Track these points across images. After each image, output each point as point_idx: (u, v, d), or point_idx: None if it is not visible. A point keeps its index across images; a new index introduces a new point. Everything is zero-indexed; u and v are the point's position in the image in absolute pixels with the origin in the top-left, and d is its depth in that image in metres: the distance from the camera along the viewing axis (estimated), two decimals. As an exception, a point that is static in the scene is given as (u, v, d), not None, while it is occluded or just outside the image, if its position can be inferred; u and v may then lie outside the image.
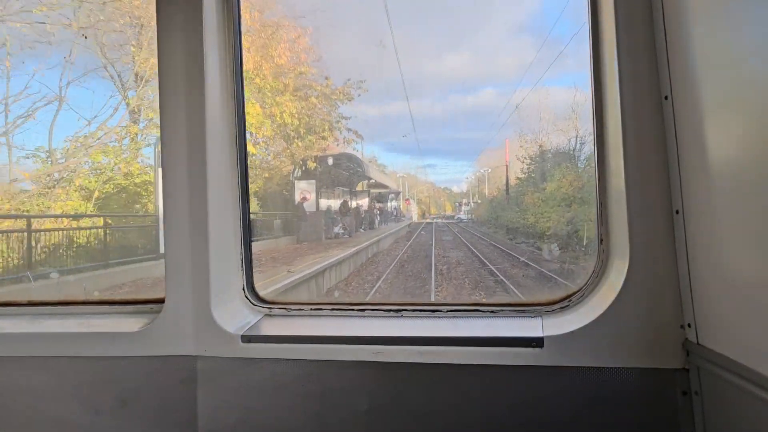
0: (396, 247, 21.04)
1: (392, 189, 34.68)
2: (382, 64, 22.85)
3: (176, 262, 2.00)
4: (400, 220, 34.66)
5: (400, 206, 38.19)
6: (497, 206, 26.33)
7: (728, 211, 1.35)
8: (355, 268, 15.29)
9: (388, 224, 29.81)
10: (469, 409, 1.81)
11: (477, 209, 35.41)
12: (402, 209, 38.11)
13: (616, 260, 1.79)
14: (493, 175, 33.06)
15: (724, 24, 1.32)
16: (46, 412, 2.08)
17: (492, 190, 32.72)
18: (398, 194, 36.89)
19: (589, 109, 1.87)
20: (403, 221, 34.60)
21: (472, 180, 39.80)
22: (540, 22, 32.23)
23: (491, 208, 28.17)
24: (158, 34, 1.98)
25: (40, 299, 2.34)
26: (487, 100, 37.68)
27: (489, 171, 34.01)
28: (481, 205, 34.31)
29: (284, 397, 1.92)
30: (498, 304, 2.02)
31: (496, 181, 31.13)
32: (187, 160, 1.97)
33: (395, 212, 35.22)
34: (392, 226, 28.85)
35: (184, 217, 1.98)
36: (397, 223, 32.21)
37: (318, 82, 17.27)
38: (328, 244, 17.71)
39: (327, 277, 12.67)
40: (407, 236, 26.20)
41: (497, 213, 25.44)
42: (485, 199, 33.91)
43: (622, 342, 1.69)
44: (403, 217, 36.80)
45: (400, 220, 35.00)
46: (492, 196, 31.68)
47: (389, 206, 33.83)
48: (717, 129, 1.37)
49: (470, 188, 41.23)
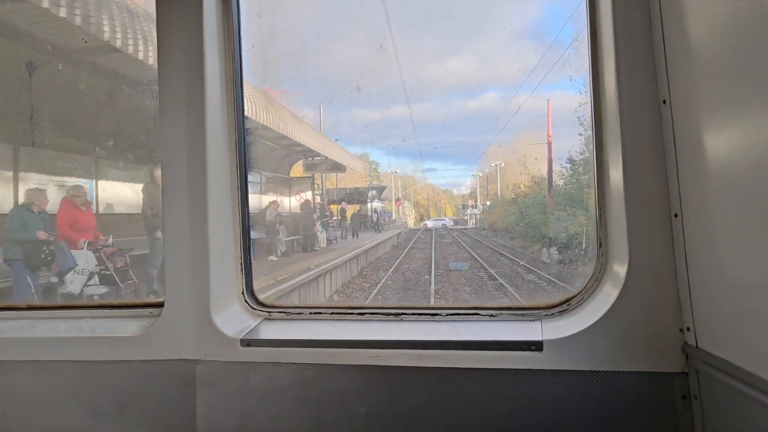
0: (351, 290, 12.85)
1: (374, 186, 27.44)
2: (382, 68, 22.78)
3: (176, 266, 2.00)
4: (382, 229, 25.92)
5: (387, 209, 30.47)
6: (529, 208, 17.60)
7: (727, 214, 1.35)
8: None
9: (362, 236, 21.82)
10: (469, 412, 1.80)
11: (491, 213, 27.55)
12: (390, 213, 30.24)
13: (615, 264, 1.80)
14: (505, 172, 27.29)
15: (722, 27, 1.32)
16: (45, 416, 2.07)
17: (505, 188, 26.36)
18: (381, 190, 28.12)
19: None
20: (389, 231, 26.45)
21: (478, 178, 33.46)
22: (543, 27, 32.26)
23: (518, 211, 19.15)
24: (158, 36, 1.99)
25: (39, 303, 2.33)
26: (489, 104, 37.44)
27: (502, 165, 27.70)
28: (496, 208, 26.94)
29: (283, 401, 1.91)
30: (497, 308, 2.02)
31: (510, 179, 25.66)
32: (186, 163, 1.97)
33: (378, 217, 26.40)
34: (368, 239, 20.63)
35: (184, 221, 1.98)
36: (379, 234, 23.47)
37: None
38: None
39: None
40: (388, 259, 18.29)
41: (530, 218, 17.02)
42: (498, 200, 26.81)
43: (622, 345, 1.69)
44: (392, 223, 28.95)
45: (381, 228, 25.97)
46: (507, 194, 23.88)
47: (369, 209, 25.64)
48: (715, 132, 1.38)
49: (474, 190, 34.96)
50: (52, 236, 8.17)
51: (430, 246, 21.74)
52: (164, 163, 2.00)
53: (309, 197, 18.52)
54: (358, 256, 16.13)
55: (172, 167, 1.99)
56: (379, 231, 25.39)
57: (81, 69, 9.80)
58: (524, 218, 17.27)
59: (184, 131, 1.97)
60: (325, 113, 24.15)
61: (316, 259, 13.67)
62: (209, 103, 1.98)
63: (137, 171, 13.54)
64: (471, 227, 30.77)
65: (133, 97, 10.91)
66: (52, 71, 9.58)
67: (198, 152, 1.96)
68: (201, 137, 1.96)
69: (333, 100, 27.05)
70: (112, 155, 12.92)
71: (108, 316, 2.24)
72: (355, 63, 28.25)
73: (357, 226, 22.77)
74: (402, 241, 24.69)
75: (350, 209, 23.68)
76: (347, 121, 29.58)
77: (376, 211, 26.71)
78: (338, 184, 24.69)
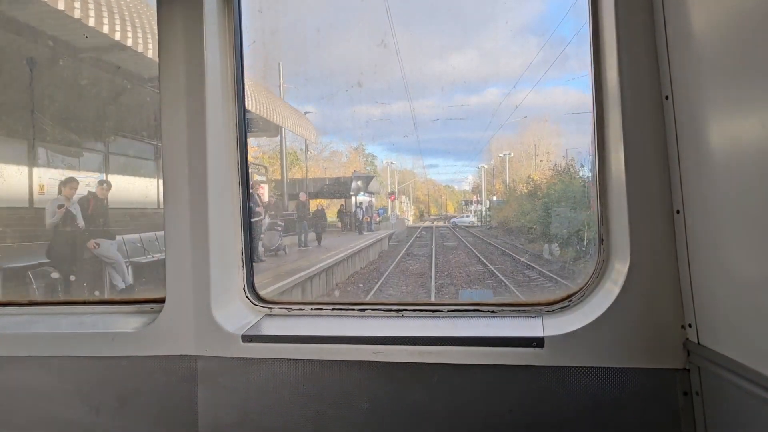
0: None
1: (359, 174, 21.13)
2: (384, 63, 22.56)
3: (177, 262, 2.00)
4: (365, 230, 19.79)
5: (382, 205, 24.89)
6: (559, 203, 13.41)
7: (729, 210, 1.35)
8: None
9: (337, 241, 16.19)
10: (470, 409, 1.80)
11: (501, 209, 22.71)
12: (382, 210, 24.59)
13: (616, 260, 1.79)
14: (512, 164, 23.44)
15: (724, 23, 1.32)
16: (47, 411, 2.07)
17: (519, 181, 21.98)
18: (368, 181, 21.60)
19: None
20: (378, 232, 20.48)
21: (483, 171, 29.13)
22: (547, 23, 31.96)
23: (541, 206, 14.64)
24: (159, 34, 1.99)
25: (40, 299, 2.33)
26: (491, 100, 37.16)
27: (511, 155, 23.53)
28: (508, 204, 22.00)
29: (284, 397, 1.92)
30: (498, 304, 2.02)
31: (519, 172, 22.10)
32: (187, 160, 1.97)
33: (363, 214, 20.38)
34: (341, 245, 14.96)
35: (185, 217, 1.98)
36: (361, 238, 17.68)
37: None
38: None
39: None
40: (367, 279, 13.21)
41: (563, 215, 12.80)
42: (511, 193, 22.05)
43: (623, 342, 1.69)
44: (385, 221, 23.13)
45: (367, 228, 20.08)
46: (521, 188, 19.28)
47: (354, 204, 20.25)
48: (718, 129, 1.37)
49: (476, 185, 30.72)
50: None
51: (430, 250, 17.12)
52: (165, 158, 2.00)
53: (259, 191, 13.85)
54: (353, 254, 12.92)
55: (172, 163, 1.99)
56: (364, 233, 19.42)
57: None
58: (551, 215, 13.56)
59: (185, 127, 1.97)
60: (325, 109, 23.80)
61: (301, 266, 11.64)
62: (210, 98, 1.97)
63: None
64: (475, 225, 26.96)
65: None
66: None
67: (199, 147, 1.96)
68: (202, 133, 1.96)
69: (333, 97, 27.00)
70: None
71: (109, 311, 2.25)
72: (356, 58, 28.14)
73: (321, 230, 16.64)
74: (394, 245, 19.16)
75: (314, 204, 18.53)
76: (348, 117, 29.45)
77: (362, 207, 20.54)
78: (307, 174, 19.72)
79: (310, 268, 11.64)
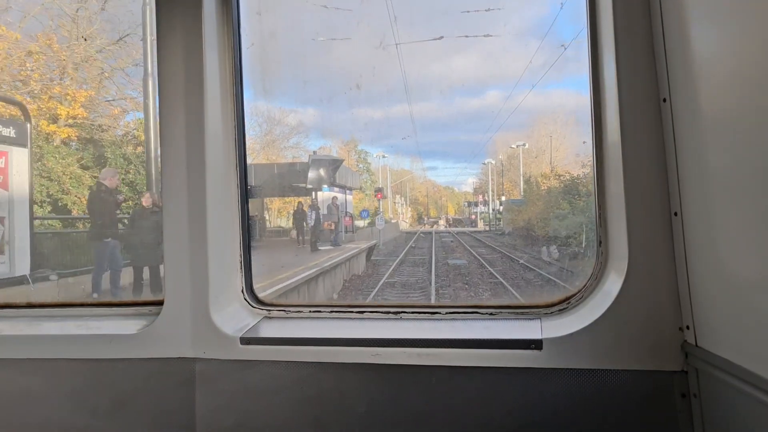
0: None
1: (319, 156, 14.24)
2: (384, 66, 22.44)
3: (175, 264, 2.00)
4: (332, 242, 13.54)
5: (370, 207, 19.27)
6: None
7: (727, 213, 1.35)
8: None
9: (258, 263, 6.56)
10: (468, 411, 1.80)
11: (520, 211, 18.12)
12: (365, 212, 18.80)
13: (614, 262, 1.80)
14: (527, 160, 19.37)
15: (722, 26, 1.32)
16: (44, 414, 2.06)
17: (539, 177, 18.51)
18: (335, 165, 14.82)
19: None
20: (349, 246, 14.11)
21: (490, 166, 25.86)
22: (547, 26, 31.88)
23: (583, 207, 11.68)
24: (158, 34, 1.99)
25: (38, 301, 2.33)
26: (491, 102, 37.11)
27: (525, 146, 20.47)
28: (531, 204, 17.62)
29: (283, 399, 1.91)
30: (497, 306, 2.02)
31: (532, 168, 18.67)
32: (186, 162, 1.97)
33: (321, 219, 13.96)
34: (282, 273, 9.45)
35: (183, 219, 1.98)
36: (316, 255, 11.91)
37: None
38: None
39: None
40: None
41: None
42: (535, 190, 17.90)
43: (621, 344, 1.70)
44: (370, 227, 17.23)
45: (333, 241, 13.71)
46: (544, 184, 15.12)
47: (316, 204, 13.96)
48: (715, 131, 1.38)
49: (481, 185, 27.29)
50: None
51: (428, 271, 11.81)
52: (164, 160, 2.00)
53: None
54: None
55: (171, 164, 1.99)
56: (323, 248, 12.87)
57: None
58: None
59: (184, 128, 1.97)
60: (325, 110, 23.60)
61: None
62: (209, 100, 1.98)
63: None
64: (482, 230, 22.21)
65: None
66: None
67: (197, 149, 1.96)
68: (200, 134, 1.96)
69: (332, 99, 26.97)
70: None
71: (107, 314, 2.24)
72: (355, 61, 28.16)
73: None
74: (376, 262, 13.13)
75: (279, 204, 12.78)
76: (348, 120, 29.42)
77: (322, 207, 13.54)
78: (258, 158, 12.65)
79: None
